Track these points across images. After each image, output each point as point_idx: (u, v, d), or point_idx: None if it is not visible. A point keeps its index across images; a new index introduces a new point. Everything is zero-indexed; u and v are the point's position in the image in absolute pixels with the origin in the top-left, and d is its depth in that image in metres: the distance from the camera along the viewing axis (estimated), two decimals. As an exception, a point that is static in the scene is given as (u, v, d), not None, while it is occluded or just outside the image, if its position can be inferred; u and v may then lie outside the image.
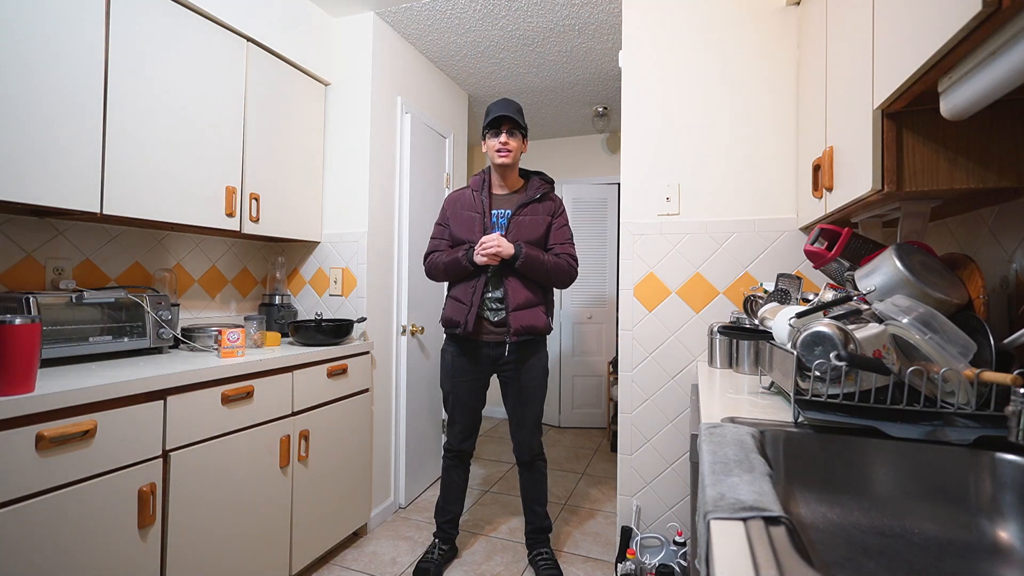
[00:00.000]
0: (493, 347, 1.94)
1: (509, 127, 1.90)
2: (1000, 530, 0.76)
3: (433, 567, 1.98)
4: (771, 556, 0.49)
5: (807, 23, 1.64)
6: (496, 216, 1.95)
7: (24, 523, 1.10)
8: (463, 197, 2.02)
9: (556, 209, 1.99)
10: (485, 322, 1.92)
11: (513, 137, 1.91)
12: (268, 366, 1.73)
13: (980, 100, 0.73)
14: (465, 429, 2.03)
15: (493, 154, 1.92)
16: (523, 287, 1.88)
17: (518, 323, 1.87)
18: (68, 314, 1.51)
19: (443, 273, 1.98)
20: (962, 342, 0.88)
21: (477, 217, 1.94)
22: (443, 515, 2.08)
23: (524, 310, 1.88)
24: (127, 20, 1.56)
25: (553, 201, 2.00)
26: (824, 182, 1.32)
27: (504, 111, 1.89)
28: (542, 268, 1.86)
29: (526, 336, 1.90)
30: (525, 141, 1.98)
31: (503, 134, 1.90)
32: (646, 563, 1.75)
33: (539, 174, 2.04)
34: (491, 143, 1.92)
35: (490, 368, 1.99)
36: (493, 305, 1.92)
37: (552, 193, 2.03)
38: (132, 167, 1.58)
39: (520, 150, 1.95)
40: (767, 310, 1.36)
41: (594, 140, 4.24)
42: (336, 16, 2.42)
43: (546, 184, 2.01)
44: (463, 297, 1.92)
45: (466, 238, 1.93)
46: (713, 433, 0.88)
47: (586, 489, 2.89)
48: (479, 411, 2.06)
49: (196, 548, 1.47)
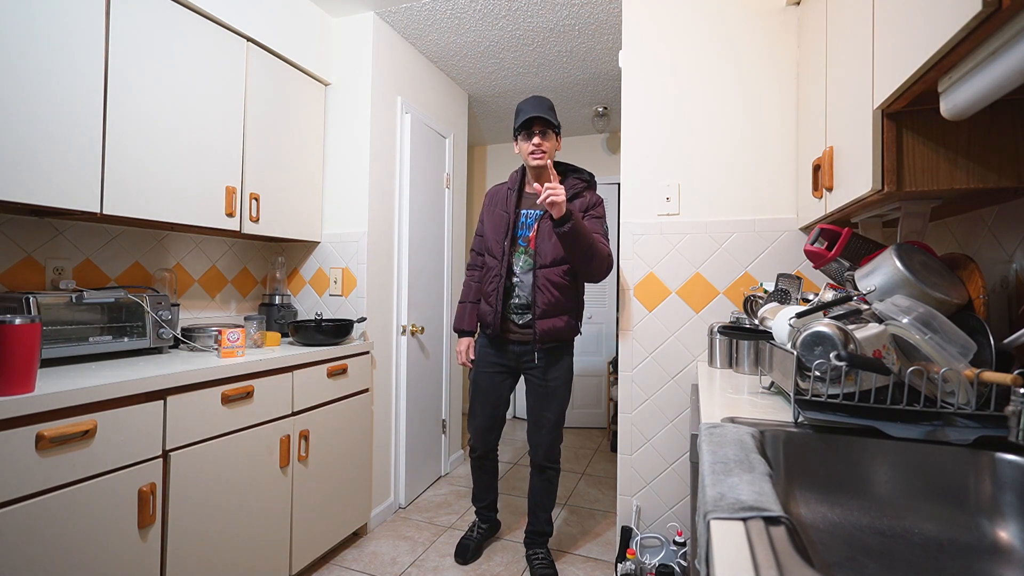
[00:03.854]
0: (520, 344, 1.93)
1: (541, 128, 1.83)
2: (1000, 530, 0.76)
3: (473, 544, 2.09)
4: (771, 556, 0.49)
5: (807, 23, 1.64)
6: (525, 216, 1.92)
7: (24, 523, 1.10)
8: (499, 194, 2.00)
9: (591, 204, 1.90)
10: (511, 323, 1.92)
11: (546, 138, 1.84)
12: (268, 366, 1.73)
13: (980, 100, 0.73)
14: (484, 424, 2.01)
15: (527, 157, 1.85)
16: (555, 294, 1.84)
17: (544, 329, 1.85)
18: (68, 314, 1.51)
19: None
20: (962, 342, 0.88)
21: (507, 216, 1.91)
22: (479, 502, 2.16)
23: (553, 318, 1.86)
24: (127, 20, 1.56)
25: (587, 198, 1.91)
26: (824, 182, 1.32)
27: (536, 111, 1.81)
28: (587, 243, 1.70)
29: (552, 343, 1.89)
30: (559, 139, 1.91)
31: (536, 136, 1.82)
32: (646, 563, 1.75)
33: (577, 171, 1.95)
34: (524, 146, 1.85)
35: (516, 364, 1.97)
36: (518, 311, 1.91)
37: (588, 190, 1.93)
38: (132, 167, 1.58)
39: (555, 149, 1.88)
40: (767, 310, 1.36)
41: (594, 140, 4.24)
42: (336, 16, 2.42)
43: (581, 182, 1.92)
44: (488, 298, 1.93)
45: (496, 239, 1.92)
46: (713, 433, 0.87)
47: (586, 489, 2.89)
48: (501, 408, 2.03)
49: (196, 548, 1.47)
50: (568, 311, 1.89)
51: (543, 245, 1.86)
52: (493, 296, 1.90)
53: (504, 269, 1.89)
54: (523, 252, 1.92)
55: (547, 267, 1.86)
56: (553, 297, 1.85)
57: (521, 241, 1.92)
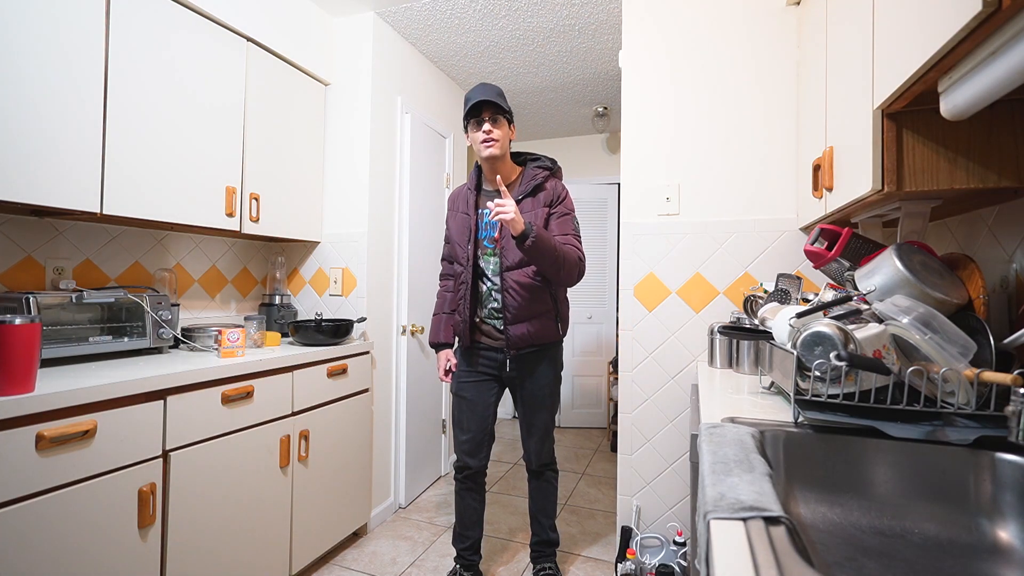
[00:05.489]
0: (497, 351, 1.79)
1: (491, 113, 1.67)
2: (1000, 530, 0.76)
3: None
4: (771, 556, 0.49)
5: (807, 23, 1.64)
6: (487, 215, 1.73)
7: (24, 523, 1.10)
8: (459, 196, 1.85)
9: (555, 196, 1.74)
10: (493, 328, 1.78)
11: (497, 125, 1.68)
12: (268, 366, 1.73)
13: (980, 100, 0.73)
14: (474, 439, 1.82)
15: (479, 147, 1.70)
16: (524, 296, 1.70)
17: (520, 338, 1.72)
18: (68, 314, 1.51)
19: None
20: (962, 342, 0.88)
21: (468, 218, 1.77)
22: (461, 542, 1.88)
23: (525, 322, 1.72)
24: (127, 20, 1.56)
25: (550, 189, 1.75)
26: (824, 182, 1.32)
27: (483, 95, 1.65)
28: (552, 255, 1.58)
29: (528, 349, 1.76)
30: (512, 126, 1.76)
31: (486, 122, 1.67)
32: (646, 563, 1.75)
33: (536, 159, 1.80)
34: (474, 135, 1.71)
35: (499, 371, 1.82)
36: (496, 315, 1.76)
37: (551, 180, 1.77)
38: (132, 167, 1.58)
39: (508, 137, 1.73)
40: (767, 310, 1.36)
41: (594, 140, 4.24)
42: (336, 16, 2.42)
43: (542, 171, 1.76)
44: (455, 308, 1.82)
45: (460, 244, 1.79)
46: (713, 433, 0.87)
47: (586, 489, 2.89)
48: (489, 421, 1.84)
49: (196, 548, 1.47)
50: (541, 313, 1.74)
51: (508, 245, 1.71)
52: (460, 304, 1.77)
53: (469, 275, 1.75)
54: (492, 254, 1.76)
55: (514, 268, 1.71)
56: (523, 299, 1.70)
57: (487, 243, 1.76)
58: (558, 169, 1.83)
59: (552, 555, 1.94)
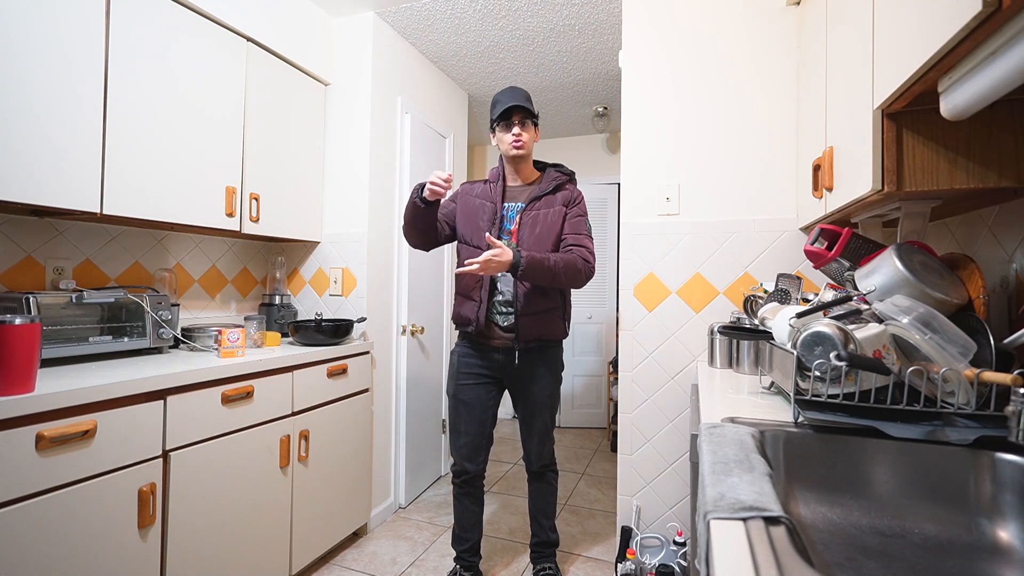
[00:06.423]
0: (503, 352, 1.80)
1: (521, 117, 1.78)
2: (1000, 530, 0.76)
3: None
4: (771, 556, 0.49)
5: (807, 23, 1.64)
6: (506, 209, 1.82)
7: (24, 523, 1.10)
8: (476, 186, 1.91)
9: (572, 199, 1.83)
10: (495, 326, 1.79)
11: (525, 128, 1.79)
12: (268, 366, 1.73)
13: (980, 100, 0.73)
14: (472, 443, 1.83)
15: (507, 147, 1.79)
16: (536, 290, 1.75)
17: (528, 329, 1.75)
18: (68, 314, 1.51)
19: (408, 225, 1.79)
20: (962, 342, 0.88)
21: (488, 206, 1.82)
22: (460, 544, 1.91)
23: (535, 315, 1.76)
24: (127, 20, 1.56)
25: (569, 191, 1.84)
26: (824, 182, 1.32)
27: (514, 100, 1.76)
28: (549, 273, 1.66)
29: (536, 344, 1.79)
30: (537, 129, 1.87)
31: (515, 126, 1.77)
32: (646, 563, 1.75)
33: (557, 166, 1.90)
34: (503, 136, 1.80)
35: (499, 373, 1.83)
36: (503, 308, 1.78)
37: (569, 184, 1.88)
38: (132, 167, 1.58)
39: (533, 139, 1.84)
40: (767, 310, 1.36)
41: (594, 140, 4.24)
42: (336, 16, 2.42)
43: (563, 176, 1.87)
44: (472, 293, 1.80)
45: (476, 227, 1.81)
46: (713, 433, 0.87)
47: (586, 489, 2.89)
48: (488, 425, 1.85)
49: (196, 548, 1.47)
50: (551, 309, 1.80)
51: (525, 238, 1.77)
52: (477, 289, 1.78)
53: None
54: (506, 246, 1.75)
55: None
56: (540, 295, 1.76)
57: (504, 235, 1.82)
58: (575, 179, 1.94)
59: (552, 555, 1.96)
